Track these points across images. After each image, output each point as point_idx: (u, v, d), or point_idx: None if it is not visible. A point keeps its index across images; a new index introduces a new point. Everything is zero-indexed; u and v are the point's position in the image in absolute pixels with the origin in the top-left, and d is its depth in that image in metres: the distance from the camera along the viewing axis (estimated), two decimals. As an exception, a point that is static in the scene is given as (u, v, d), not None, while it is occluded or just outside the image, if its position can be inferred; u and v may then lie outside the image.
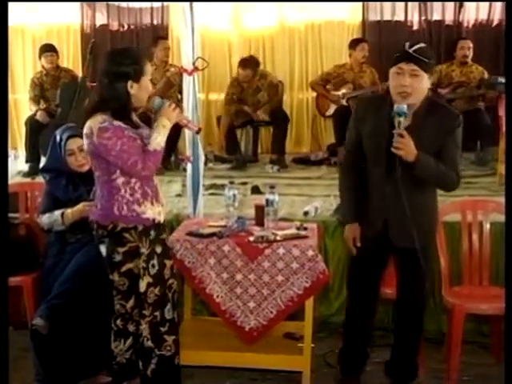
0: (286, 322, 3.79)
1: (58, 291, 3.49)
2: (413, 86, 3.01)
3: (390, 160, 3.07)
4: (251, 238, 3.56)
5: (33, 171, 6.27)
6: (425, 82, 3.06)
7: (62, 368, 3.44)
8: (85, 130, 3.08)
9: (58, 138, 3.78)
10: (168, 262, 3.24)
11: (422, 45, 3.07)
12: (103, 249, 3.16)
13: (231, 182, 3.95)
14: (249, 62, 6.77)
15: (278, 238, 3.55)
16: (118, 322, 3.26)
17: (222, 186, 4.67)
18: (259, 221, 3.80)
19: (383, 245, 3.24)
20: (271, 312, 3.52)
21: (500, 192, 5.05)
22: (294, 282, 3.49)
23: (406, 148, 2.96)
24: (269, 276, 3.51)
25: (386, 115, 3.11)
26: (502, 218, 3.85)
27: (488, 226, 3.87)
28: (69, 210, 3.66)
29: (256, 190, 5.27)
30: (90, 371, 3.54)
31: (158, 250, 3.17)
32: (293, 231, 3.67)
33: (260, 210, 3.82)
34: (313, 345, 3.63)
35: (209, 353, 3.64)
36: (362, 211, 3.28)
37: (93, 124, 3.02)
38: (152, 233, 3.14)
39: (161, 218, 3.19)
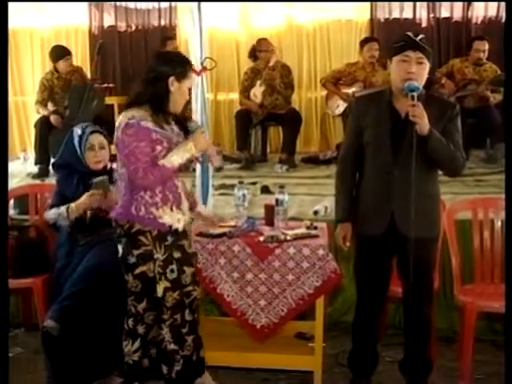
0: (297, 321, 3.79)
1: (68, 292, 3.49)
2: (418, 72, 3.08)
3: (397, 143, 3.11)
4: (261, 238, 3.55)
5: (42, 173, 6.29)
6: (426, 71, 3.13)
7: (74, 369, 3.43)
8: (116, 123, 3.13)
9: (79, 131, 3.79)
10: (188, 269, 3.24)
11: (423, 35, 3.14)
12: (120, 249, 3.18)
13: (241, 182, 3.94)
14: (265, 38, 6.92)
15: (288, 237, 3.54)
16: (130, 322, 3.28)
17: (232, 186, 4.66)
18: (269, 220, 3.80)
19: (389, 239, 3.21)
20: (282, 310, 3.53)
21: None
22: (305, 281, 3.49)
23: (423, 118, 2.98)
24: (279, 275, 3.51)
25: (387, 105, 3.18)
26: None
27: (499, 223, 3.84)
28: (73, 204, 3.67)
29: (265, 190, 5.27)
30: (102, 372, 3.53)
31: (176, 255, 3.17)
32: (303, 230, 3.66)
33: (270, 210, 3.81)
34: (324, 344, 3.62)
35: (220, 353, 3.64)
36: (365, 209, 3.26)
37: (123, 118, 3.07)
38: (169, 238, 3.14)
39: (179, 226, 3.17)
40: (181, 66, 3.12)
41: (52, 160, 6.18)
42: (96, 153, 3.78)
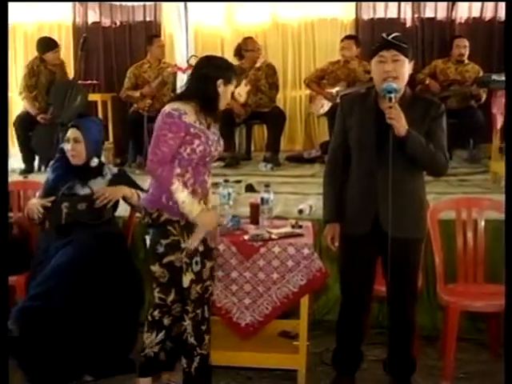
0: (281, 320, 3.79)
1: (32, 293, 3.46)
2: (396, 70, 3.09)
3: (380, 146, 3.11)
4: (246, 237, 3.55)
5: (27, 169, 6.27)
6: (406, 67, 3.13)
7: (43, 372, 3.39)
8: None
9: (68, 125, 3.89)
10: (208, 263, 3.21)
11: (398, 33, 3.16)
12: (148, 240, 3.23)
13: (226, 181, 3.94)
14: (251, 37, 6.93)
15: (273, 236, 3.54)
16: (156, 313, 3.29)
17: (216, 185, 4.64)
18: (254, 219, 3.79)
19: (373, 239, 3.22)
20: (267, 308, 3.52)
21: (494, 190, 5.07)
22: (290, 279, 3.48)
23: (400, 120, 2.99)
24: (264, 274, 3.50)
25: (372, 106, 3.19)
26: (496, 215, 3.86)
27: (483, 223, 3.86)
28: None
29: (250, 188, 5.26)
30: (73, 375, 3.49)
31: (200, 248, 3.16)
32: (288, 229, 3.66)
33: (255, 209, 3.81)
34: (308, 343, 3.62)
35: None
36: (349, 209, 3.27)
37: (168, 107, 3.12)
38: (195, 230, 3.15)
39: None
40: (228, 71, 3.21)
41: (36, 156, 6.21)
42: (69, 146, 3.80)
